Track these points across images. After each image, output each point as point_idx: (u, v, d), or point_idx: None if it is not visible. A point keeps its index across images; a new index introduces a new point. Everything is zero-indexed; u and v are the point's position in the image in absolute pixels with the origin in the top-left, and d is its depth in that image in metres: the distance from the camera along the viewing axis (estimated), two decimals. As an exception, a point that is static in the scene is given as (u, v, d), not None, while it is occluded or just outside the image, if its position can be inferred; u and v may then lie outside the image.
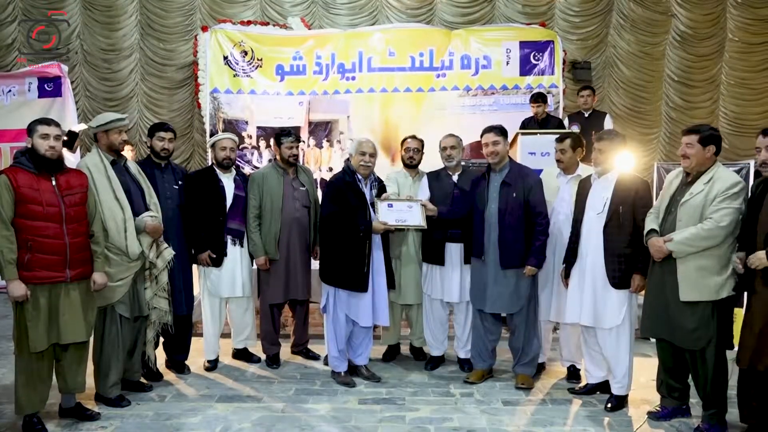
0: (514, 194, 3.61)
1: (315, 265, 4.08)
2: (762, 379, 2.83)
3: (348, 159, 3.93)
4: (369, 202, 3.74)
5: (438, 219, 3.82)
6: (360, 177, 3.76)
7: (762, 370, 2.79)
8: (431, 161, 4.24)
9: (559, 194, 3.76)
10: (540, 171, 3.92)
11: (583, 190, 3.51)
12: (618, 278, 3.30)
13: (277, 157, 4.17)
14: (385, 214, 3.71)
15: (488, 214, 3.67)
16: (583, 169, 3.78)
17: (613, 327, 3.35)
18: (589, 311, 3.39)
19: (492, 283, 3.66)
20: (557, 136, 3.86)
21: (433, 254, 3.96)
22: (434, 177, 4.05)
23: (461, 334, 4.09)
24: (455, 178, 4.01)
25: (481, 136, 3.76)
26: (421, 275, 4.09)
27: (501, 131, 3.71)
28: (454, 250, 3.94)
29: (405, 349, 4.46)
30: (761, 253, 2.76)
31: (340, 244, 3.67)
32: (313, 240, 4.16)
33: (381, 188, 3.90)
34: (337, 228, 3.68)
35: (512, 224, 3.59)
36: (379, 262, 3.75)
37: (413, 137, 4.26)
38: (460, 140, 4.05)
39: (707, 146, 3.00)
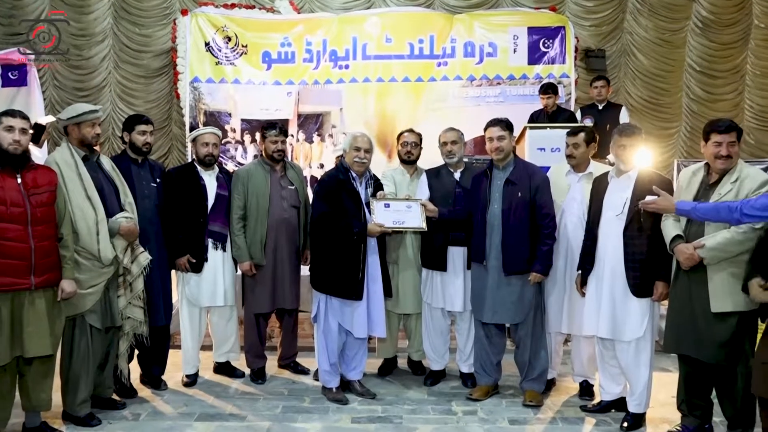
0: (519, 194, 3.61)
1: (305, 270, 4.08)
2: None
3: (341, 155, 3.93)
4: (364, 202, 3.74)
5: (439, 220, 3.82)
6: (354, 174, 3.76)
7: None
8: (431, 157, 4.25)
9: (568, 194, 3.76)
10: (548, 168, 3.93)
11: (599, 189, 3.51)
12: (639, 285, 3.30)
13: (263, 152, 4.16)
14: (382, 215, 3.71)
15: (490, 215, 3.68)
16: (595, 167, 3.79)
17: (634, 339, 3.36)
18: (608, 322, 3.39)
19: (494, 291, 3.67)
20: (569, 129, 3.87)
21: (433, 259, 3.96)
22: (434, 175, 4.05)
23: (464, 346, 4.09)
24: (457, 175, 4.01)
25: (485, 130, 3.77)
26: (421, 282, 4.09)
27: (507, 125, 3.72)
28: (456, 255, 3.94)
29: (402, 363, 4.46)
30: None
31: (333, 248, 3.67)
32: (302, 243, 4.16)
33: (377, 187, 3.90)
34: (329, 230, 3.68)
35: (516, 226, 3.60)
36: (375, 268, 3.75)
37: (410, 131, 4.26)
38: (462, 134, 4.06)
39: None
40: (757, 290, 2.76)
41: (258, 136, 4.27)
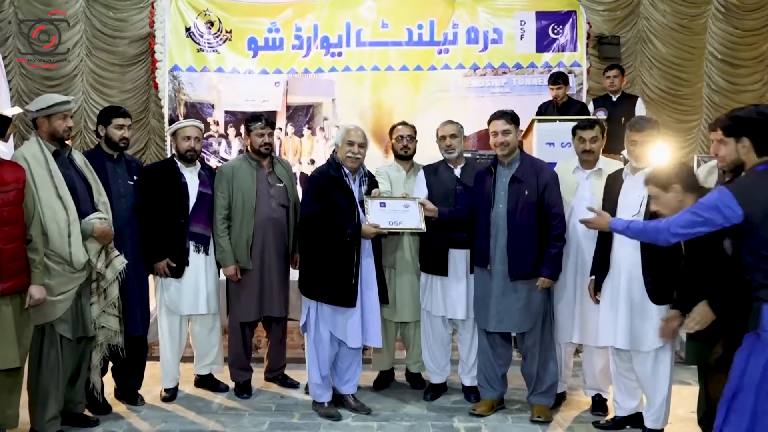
0: (526, 192, 3.62)
1: (294, 275, 4.08)
2: None
3: (334, 150, 3.93)
4: (358, 201, 3.75)
5: (439, 221, 3.83)
6: (347, 171, 3.77)
7: None
8: (431, 153, 4.25)
9: (577, 192, 3.78)
10: (554, 164, 3.93)
11: (613, 187, 3.52)
12: (658, 291, 3.32)
13: (249, 147, 4.17)
14: (377, 215, 3.71)
15: (495, 215, 3.69)
16: (605, 163, 3.80)
17: (653, 350, 3.37)
18: (625, 332, 3.40)
19: (499, 298, 3.67)
20: (581, 122, 3.87)
21: (433, 262, 3.97)
22: (432, 171, 4.06)
23: (467, 357, 4.10)
24: (457, 172, 4.02)
25: (489, 124, 3.78)
26: (420, 288, 4.10)
27: (512, 118, 3.73)
28: (458, 258, 3.95)
29: (400, 376, 4.47)
30: None
31: (324, 251, 3.67)
32: (292, 246, 4.16)
33: (372, 184, 3.91)
34: (320, 231, 3.68)
35: (523, 227, 3.61)
36: (370, 273, 3.75)
37: (404, 123, 4.28)
38: (461, 127, 4.08)
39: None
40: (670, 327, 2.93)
41: (243, 129, 4.26)
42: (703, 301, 2.72)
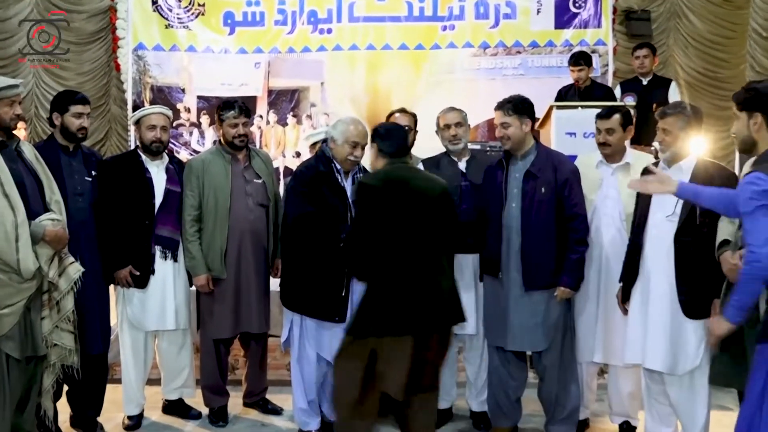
0: (543, 189, 3.62)
1: (275, 285, 4.08)
2: None
3: (324, 141, 3.92)
4: (351, 201, 3.74)
5: (443, 223, 3.83)
6: (339, 166, 3.77)
7: None
8: (433, 144, 4.26)
9: (601, 189, 3.78)
10: (575, 158, 3.94)
11: None
12: (693, 304, 3.32)
13: (222, 138, 4.17)
14: (373, 217, 3.71)
15: (507, 216, 3.68)
16: (633, 156, 3.80)
17: (688, 371, 3.37)
18: (657, 350, 3.39)
19: (512, 310, 3.67)
20: (600, 111, 3.88)
21: (436, 271, 3.97)
22: (433, 165, 4.06)
23: (475, 379, 4.10)
24: (462, 165, 4.03)
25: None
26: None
27: (515, 107, 3.70)
28: (464, 264, 3.96)
29: (399, 400, 4.47)
30: None
31: (310, 258, 3.67)
32: (273, 251, 4.16)
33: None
34: (306, 235, 3.68)
35: (539, 230, 3.61)
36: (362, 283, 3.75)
37: (402, 111, 4.28)
38: (466, 115, 4.08)
39: None
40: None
41: (217, 117, 4.27)
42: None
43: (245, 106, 4.18)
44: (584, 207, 3.68)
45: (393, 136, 3.23)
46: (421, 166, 4.08)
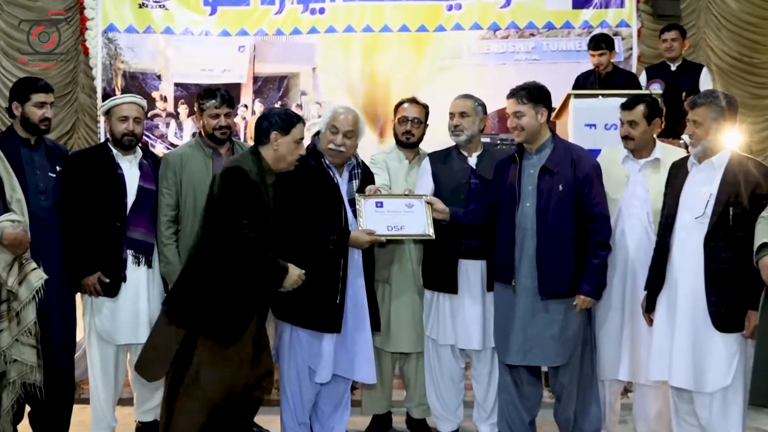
0: (560, 187, 3.61)
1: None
2: None
3: (317, 134, 3.92)
4: (347, 200, 3.74)
5: (450, 224, 3.82)
6: (328, 161, 3.76)
7: None
8: (440, 138, 4.26)
9: (627, 187, 3.78)
10: (599, 153, 3.93)
11: (676, 181, 3.53)
12: (724, 315, 3.31)
13: (202, 130, 4.16)
14: (373, 219, 3.69)
15: (521, 216, 3.67)
16: (663, 150, 3.80)
17: (719, 389, 3.36)
18: (683, 365, 3.39)
19: (526, 322, 3.66)
20: (625, 100, 3.88)
21: (440, 277, 3.96)
22: (440, 160, 4.05)
23: (484, 399, 4.10)
24: (472, 160, 4.02)
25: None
26: (423, 309, 4.10)
27: (530, 95, 3.69)
28: (472, 272, 3.95)
29: (399, 422, 4.46)
30: None
31: (301, 263, 3.64)
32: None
33: (367, 179, 3.90)
34: (296, 238, 3.67)
35: (556, 232, 3.60)
36: (359, 290, 3.74)
37: (413, 101, 4.26)
38: (478, 104, 4.06)
39: None
40: None
41: (197, 106, 4.26)
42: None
43: (228, 95, 4.18)
44: (606, 206, 3.68)
45: None
46: (427, 161, 4.08)
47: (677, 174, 3.54)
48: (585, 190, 3.63)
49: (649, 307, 3.57)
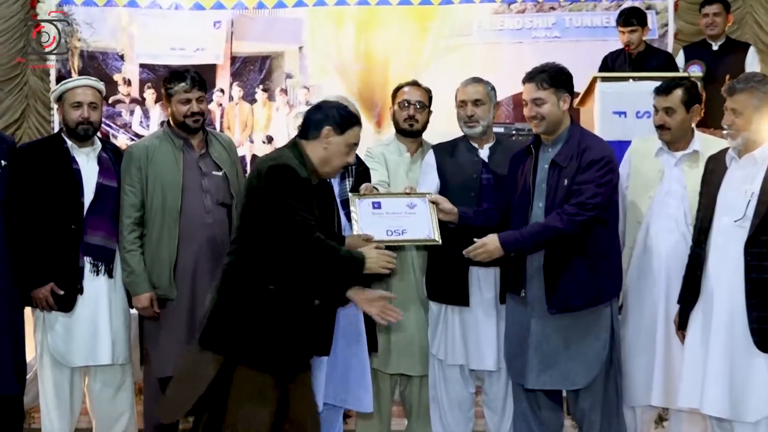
0: (566, 182, 3.61)
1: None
2: None
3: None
4: (339, 201, 3.75)
5: (458, 227, 3.82)
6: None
7: None
8: (445, 127, 4.26)
9: (661, 184, 3.79)
10: (628, 144, 3.92)
11: (713, 177, 3.53)
12: (766, 334, 3.31)
13: (171, 118, 4.16)
14: (369, 222, 3.67)
15: (532, 219, 3.67)
16: (703, 142, 3.81)
17: (763, 418, 3.35)
18: (719, 391, 3.38)
19: (540, 338, 3.65)
20: (660, 83, 3.88)
21: (449, 288, 3.97)
22: (447, 152, 4.07)
23: (498, 427, 4.11)
24: (484, 153, 4.04)
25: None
26: (428, 325, 4.11)
27: (551, 79, 3.67)
28: (484, 281, 3.96)
29: (400, 454, 4.47)
30: None
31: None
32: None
33: (361, 176, 3.90)
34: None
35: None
36: (353, 306, 3.73)
37: (414, 84, 4.29)
38: (492, 90, 4.07)
39: None
40: None
41: (164, 91, 4.26)
42: None
43: (199, 76, 4.17)
44: (596, 193, 3.53)
45: None
46: (431, 155, 4.08)
47: (714, 170, 3.53)
48: (579, 174, 3.56)
49: (682, 323, 3.58)
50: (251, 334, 3.08)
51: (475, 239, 3.60)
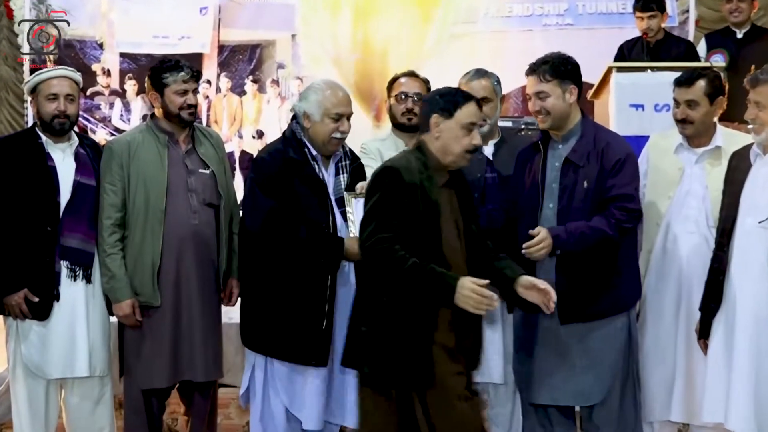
0: (585, 183, 3.61)
1: (231, 315, 4.07)
2: None
3: (294, 118, 3.92)
4: (334, 200, 3.77)
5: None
6: (315, 153, 3.78)
7: None
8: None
9: (681, 183, 3.80)
10: (646, 140, 3.93)
11: (735, 175, 3.53)
12: None
13: (158, 112, 4.16)
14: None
15: (543, 221, 3.67)
16: (726, 137, 3.81)
17: None
18: (744, 406, 3.39)
19: (550, 350, 3.67)
20: (681, 74, 3.88)
21: (451, 296, 3.97)
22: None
23: (505, 444, 4.12)
24: (489, 150, 4.06)
25: None
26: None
27: (554, 70, 3.67)
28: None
29: (399, 475, 4.47)
30: None
31: (280, 278, 3.67)
32: (225, 269, 4.17)
33: (356, 173, 3.93)
34: (275, 247, 3.69)
35: None
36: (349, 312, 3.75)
37: (411, 75, 4.32)
38: (498, 83, 4.09)
39: None
40: None
41: (148, 83, 4.24)
42: None
43: (195, 68, 4.18)
44: (632, 188, 3.61)
45: None
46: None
47: (738, 167, 3.54)
48: (611, 177, 3.57)
49: (704, 332, 3.58)
50: (372, 349, 3.13)
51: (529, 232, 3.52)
